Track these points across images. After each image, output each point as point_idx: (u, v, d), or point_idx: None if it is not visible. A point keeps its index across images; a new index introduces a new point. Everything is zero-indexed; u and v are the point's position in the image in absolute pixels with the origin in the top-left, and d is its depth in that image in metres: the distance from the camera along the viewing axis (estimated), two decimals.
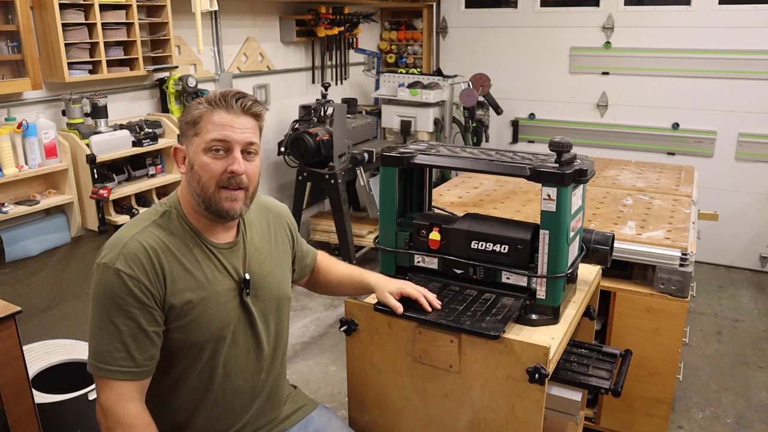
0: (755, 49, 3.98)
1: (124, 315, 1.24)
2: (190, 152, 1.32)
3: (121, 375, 1.25)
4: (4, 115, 2.45)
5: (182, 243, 1.33)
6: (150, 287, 1.26)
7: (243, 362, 1.41)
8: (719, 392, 2.85)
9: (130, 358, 1.25)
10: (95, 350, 1.26)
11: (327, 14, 4.10)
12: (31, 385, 1.82)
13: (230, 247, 1.39)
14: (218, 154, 1.29)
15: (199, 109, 1.31)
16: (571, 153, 1.49)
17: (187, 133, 1.33)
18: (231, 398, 1.42)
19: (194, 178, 1.31)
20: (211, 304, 1.33)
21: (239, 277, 1.39)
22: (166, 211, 1.35)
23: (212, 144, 1.29)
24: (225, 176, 1.30)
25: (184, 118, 1.33)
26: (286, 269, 1.55)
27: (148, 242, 1.28)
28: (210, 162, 1.29)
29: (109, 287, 1.24)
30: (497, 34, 4.82)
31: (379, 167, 1.66)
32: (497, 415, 1.43)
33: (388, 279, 1.59)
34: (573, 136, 2.48)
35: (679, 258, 2.12)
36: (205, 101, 1.31)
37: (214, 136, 1.28)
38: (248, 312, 1.40)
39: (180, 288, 1.29)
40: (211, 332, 1.33)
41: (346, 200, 3.65)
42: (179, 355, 1.33)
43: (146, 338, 1.26)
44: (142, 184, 2.88)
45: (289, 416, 1.57)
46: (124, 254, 1.25)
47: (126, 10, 2.73)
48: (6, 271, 2.55)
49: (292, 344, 3.24)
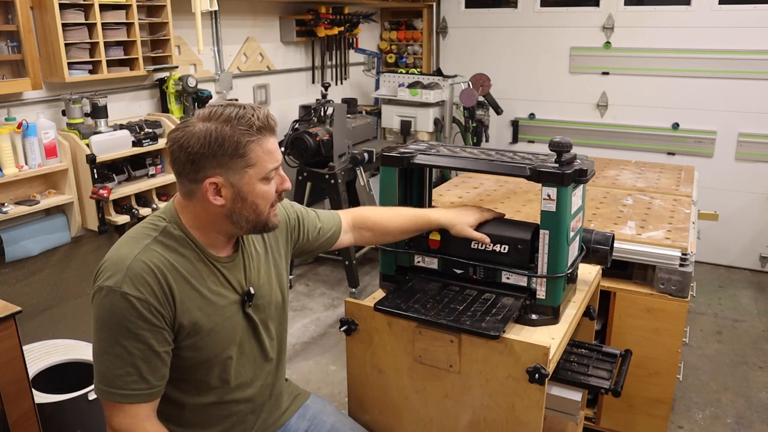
0: (755, 49, 3.98)
1: (134, 338, 1.20)
2: (237, 182, 1.23)
3: (136, 398, 1.22)
4: (4, 115, 2.45)
5: (187, 260, 1.29)
6: (160, 308, 1.22)
7: (251, 371, 1.41)
8: (719, 392, 2.85)
9: (142, 380, 1.22)
10: (104, 375, 1.22)
11: (327, 14, 4.10)
12: (31, 385, 1.82)
13: (231, 261, 1.37)
14: (272, 179, 1.28)
15: (248, 137, 1.21)
16: (571, 153, 1.49)
17: (231, 165, 1.22)
18: (243, 407, 1.42)
19: (247, 208, 1.26)
20: (218, 320, 1.31)
21: (242, 290, 1.37)
22: (166, 227, 1.28)
23: (273, 172, 1.27)
24: (276, 196, 1.31)
25: (222, 150, 1.20)
26: (281, 270, 1.52)
27: (153, 262, 1.23)
28: (267, 189, 1.27)
29: (117, 311, 1.19)
30: (497, 34, 4.82)
31: (379, 167, 1.66)
32: (497, 415, 1.43)
33: (457, 211, 1.57)
34: (573, 136, 2.48)
35: (679, 258, 2.12)
36: (254, 129, 1.21)
37: (274, 165, 1.26)
38: (252, 322, 1.40)
39: (188, 307, 1.27)
40: (221, 347, 1.32)
41: (346, 200, 3.65)
42: (190, 372, 1.32)
43: (158, 359, 1.24)
44: (142, 184, 2.88)
45: (288, 407, 1.59)
46: (130, 276, 1.20)
47: (126, 10, 2.73)
48: (6, 271, 2.55)
49: (292, 344, 3.24)
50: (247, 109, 1.23)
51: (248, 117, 1.21)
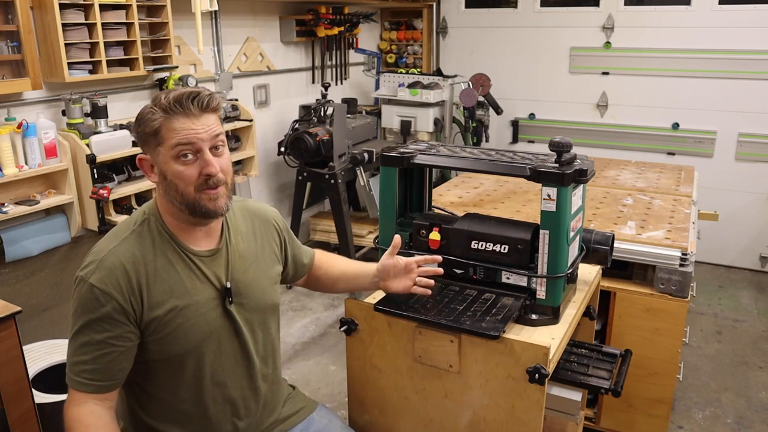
0: (755, 49, 3.98)
1: (93, 330, 1.24)
2: (158, 161, 1.27)
3: (84, 387, 1.25)
4: (4, 115, 2.45)
5: (161, 252, 1.30)
6: (123, 303, 1.24)
7: (232, 371, 1.40)
8: (719, 392, 2.85)
9: (95, 371, 1.25)
10: (68, 359, 1.28)
11: (327, 14, 4.09)
12: (31, 385, 1.81)
13: (211, 255, 1.36)
14: (188, 159, 1.25)
15: (155, 119, 1.24)
16: (571, 153, 1.49)
17: (148, 143, 1.27)
18: (223, 408, 1.40)
19: (171, 188, 1.27)
20: (190, 314, 1.31)
21: (221, 285, 1.36)
22: (146, 219, 1.33)
23: (179, 150, 1.24)
24: (201, 179, 1.26)
25: (141, 128, 1.26)
26: (273, 275, 1.51)
27: (126, 256, 1.27)
28: (183, 169, 1.25)
29: (84, 301, 1.24)
30: (497, 34, 4.82)
31: (379, 167, 1.66)
32: (497, 415, 1.43)
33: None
34: (573, 136, 2.48)
35: (679, 258, 2.12)
36: (159, 109, 1.23)
37: (179, 140, 1.23)
38: (233, 320, 1.38)
39: (157, 301, 1.28)
40: (192, 342, 1.32)
41: (346, 200, 3.65)
42: (162, 366, 1.32)
43: (114, 353, 1.25)
44: (142, 184, 2.87)
45: (290, 417, 1.56)
46: (101, 269, 1.25)
47: (126, 10, 2.73)
48: (6, 271, 2.55)
49: (292, 344, 3.25)
50: (171, 91, 1.26)
51: (162, 97, 1.25)
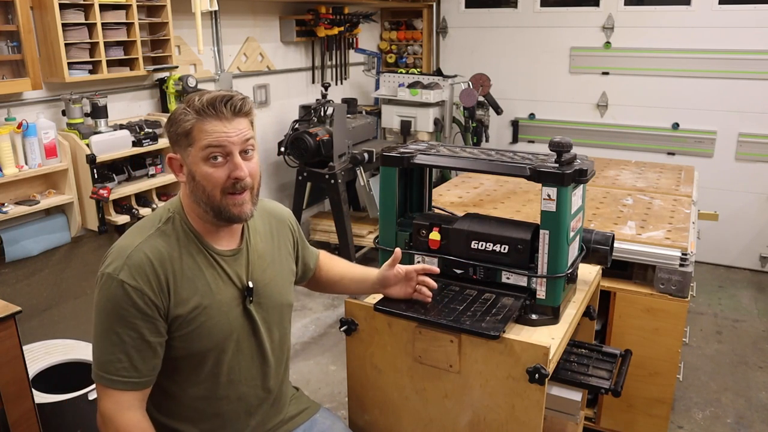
0: (755, 49, 3.98)
1: (128, 326, 1.24)
2: (187, 162, 1.28)
3: (123, 385, 1.25)
4: (4, 115, 2.45)
5: (186, 251, 1.31)
6: (154, 299, 1.25)
7: (247, 370, 1.41)
8: (719, 392, 2.85)
9: (132, 368, 1.25)
10: (98, 359, 1.26)
11: (327, 14, 4.09)
12: (31, 385, 1.82)
13: (233, 254, 1.38)
14: (218, 162, 1.26)
15: (188, 120, 1.25)
16: (571, 153, 1.49)
17: (180, 143, 1.28)
18: (236, 405, 1.42)
19: (198, 188, 1.28)
20: (214, 312, 1.32)
21: (242, 284, 1.38)
22: (170, 218, 1.33)
23: (210, 152, 1.25)
24: (229, 182, 1.27)
25: (173, 128, 1.28)
26: (288, 275, 1.53)
27: (153, 252, 1.27)
28: (212, 171, 1.26)
29: (113, 298, 1.24)
30: (497, 34, 4.82)
31: (379, 167, 1.66)
32: (497, 415, 1.43)
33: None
34: (573, 136, 2.46)
35: (679, 258, 2.12)
36: (192, 111, 1.25)
37: (210, 142, 1.24)
38: (251, 320, 1.39)
39: (183, 298, 1.29)
40: (214, 340, 1.33)
41: (346, 200, 3.65)
42: (182, 363, 1.33)
43: (149, 349, 1.26)
44: (142, 184, 2.88)
45: (293, 418, 1.57)
46: (129, 265, 1.25)
47: (126, 10, 2.73)
48: (6, 271, 2.55)
49: (292, 344, 3.24)
50: (205, 93, 1.27)
51: (196, 99, 1.26)
